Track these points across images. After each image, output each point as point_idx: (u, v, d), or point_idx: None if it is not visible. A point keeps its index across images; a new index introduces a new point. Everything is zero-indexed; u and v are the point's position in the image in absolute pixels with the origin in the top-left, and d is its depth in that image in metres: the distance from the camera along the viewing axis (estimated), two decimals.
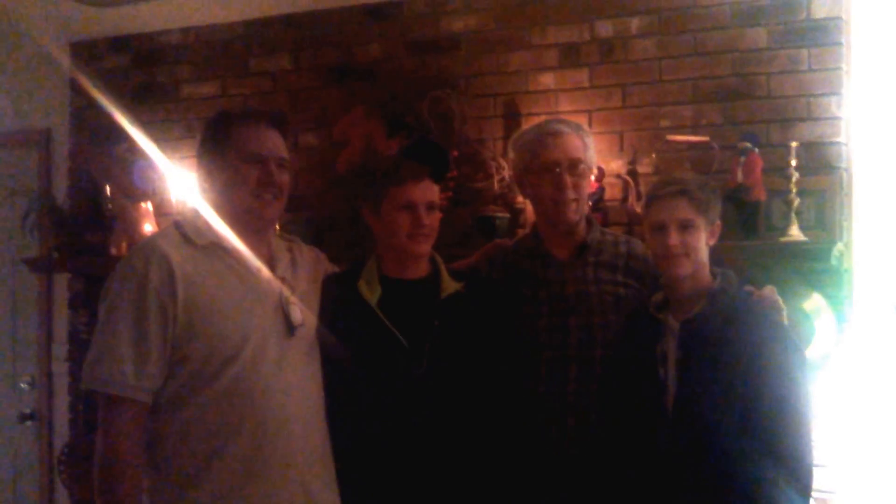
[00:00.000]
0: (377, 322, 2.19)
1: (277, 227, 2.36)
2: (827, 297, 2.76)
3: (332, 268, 2.38)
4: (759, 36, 2.94)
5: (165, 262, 1.97)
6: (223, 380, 1.98)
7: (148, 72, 3.97)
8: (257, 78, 3.75)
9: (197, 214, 2.12)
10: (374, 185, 2.26)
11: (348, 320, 2.21)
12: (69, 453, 3.81)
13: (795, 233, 2.72)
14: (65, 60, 4.09)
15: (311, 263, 2.31)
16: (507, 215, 3.16)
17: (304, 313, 2.14)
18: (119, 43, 4.02)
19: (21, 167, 4.22)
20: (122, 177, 3.79)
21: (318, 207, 3.49)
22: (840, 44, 2.84)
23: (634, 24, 3.10)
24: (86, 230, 3.84)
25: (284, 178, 2.12)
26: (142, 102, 3.94)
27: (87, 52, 4.08)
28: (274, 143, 2.11)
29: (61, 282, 4.06)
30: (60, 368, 4.04)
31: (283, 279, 2.13)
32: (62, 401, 4.01)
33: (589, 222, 2.47)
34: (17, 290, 4.22)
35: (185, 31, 3.89)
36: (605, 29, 3.14)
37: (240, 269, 2.07)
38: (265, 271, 2.11)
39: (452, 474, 2.18)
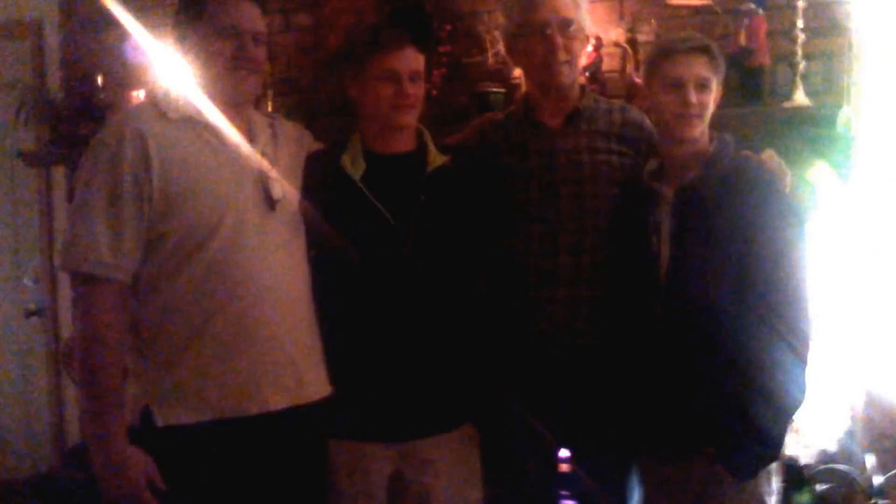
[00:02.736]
0: (361, 197, 2.14)
1: (269, 106, 2.29)
2: (832, 164, 2.68)
3: (315, 145, 2.32)
4: None
5: (139, 138, 1.91)
6: (203, 257, 1.94)
7: None
8: None
9: (171, 88, 2.05)
10: (356, 55, 2.18)
11: (331, 196, 2.16)
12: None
13: (801, 98, 2.64)
14: None
15: (294, 139, 2.25)
16: (503, 90, 3.07)
17: (285, 188, 2.09)
18: None
19: (13, 59, 4.15)
20: (114, 65, 3.72)
21: (310, 90, 3.40)
22: None
23: None
24: (80, 121, 3.79)
25: (261, 52, 2.06)
26: None
27: None
28: (250, 15, 2.04)
29: (59, 175, 4.03)
30: None
31: (262, 154, 2.08)
32: (66, 295, 4.00)
33: (582, 88, 2.37)
34: (16, 186, 4.20)
35: None
36: None
37: (217, 143, 2.02)
38: (244, 146, 2.05)
39: (441, 351, 2.16)
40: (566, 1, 2.27)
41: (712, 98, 2.09)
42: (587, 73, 2.88)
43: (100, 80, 3.70)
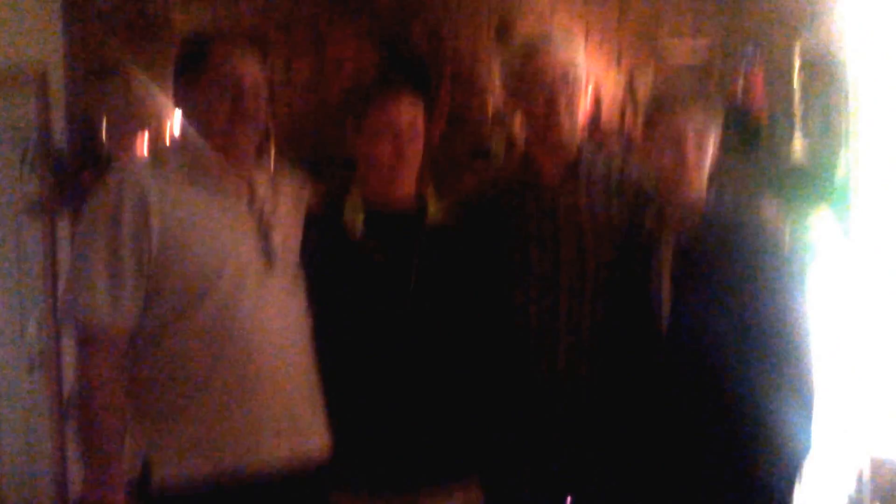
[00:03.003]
0: (360, 252, 2.14)
1: (272, 152, 2.30)
2: (831, 210, 2.68)
3: (317, 198, 2.32)
4: None
5: (139, 189, 1.92)
6: (202, 311, 1.94)
7: (138, 3, 3.88)
8: (249, 2, 3.64)
9: (172, 139, 2.06)
10: (354, 106, 2.20)
11: (331, 250, 2.17)
12: None
13: (798, 144, 2.64)
14: None
15: (295, 193, 2.25)
16: (503, 139, 3.06)
17: (284, 243, 2.09)
18: None
19: (17, 108, 4.16)
20: (117, 113, 3.75)
21: (312, 136, 3.41)
22: None
23: None
24: (83, 170, 3.81)
25: (261, 104, 2.06)
26: (134, 34, 3.86)
27: None
28: (250, 67, 2.05)
29: (64, 225, 4.04)
30: None
31: (262, 207, 2.08)
32: (70, 346, 3.99)
33: (582, 138, 2.39)
34: (20, 235, 4.20)
35: None
36: None
37: (216, 197, 2.02)
38: (243, 198, 2.06)
39: (442, 403, 2.15)
40: (567, 52, 2.30)
41: (709, 150, 2.10)
42: (586, 124, 2.89)
43: (103, 128, 3.73)
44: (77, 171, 3.80)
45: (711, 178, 2.13)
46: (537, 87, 2.26)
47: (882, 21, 2.76)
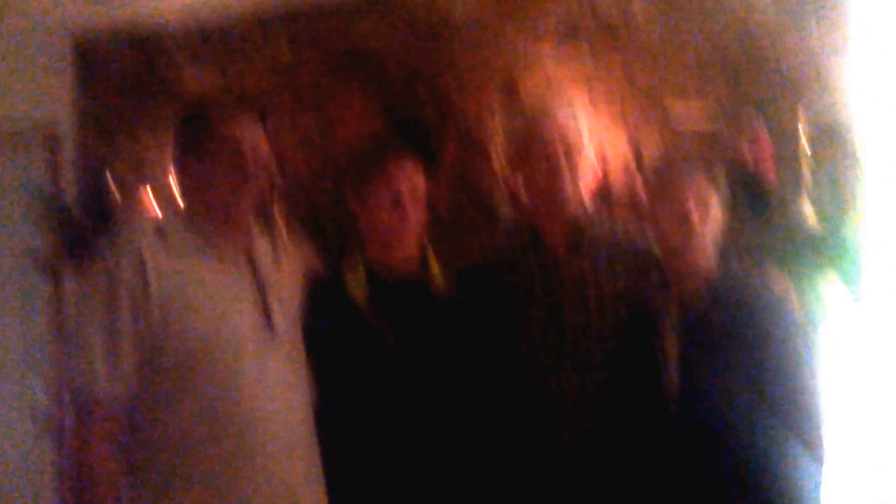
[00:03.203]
0: (362, 320, 2.12)
1: (277, 211, 2.29)
2: (841, 276, 2.64)
3: (318, 262, 2.31)
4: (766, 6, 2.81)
5: (138, 258, 1.91)
6: (199, 383, 1.92)
7: (149, 63, 3.93)
8: (258, 66, 3.68)
9: (172, 208, 2.07)
10: (357, 171, 2.19)
11: (333, 318, 2.15)
12: None
13: (807, 210, 2.61)
14: (68, 55, 4.08)
15: (297, 258, 2.25)
16: (508, 200, 3.06)
17: (285, 309, 2.08)
18: (121, 35, 3.99)
19: (28, 163, 4.20)
20: (125, 169, 3.78)
21: (316, 193, 3.41)
22: (850, 12, 2.71)
23: None
24: (91, 227, 3.82)
25: (260, 168, 2.06)
26: (144, 93, 3.91)
27: (90, 46, 4.05)
28: (250, 132, 2.05)
29: (71, 282, 4.04)
30: None
31: (263, 273, 2.07)
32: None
33: (586, 209, 2.37)
34: (27, 291, 4.20)
35: (185, 21, 3.85)
36: (605, 4, 3.02)
37: (215, 267, 2.01)
38: (244, 267, 2.05)
39: (447, 476, 2.11)
40: (570, 123, 2.29)
41: (714, 218, 2.08)
42: (594, 192, 2.88)
43: (111, 186, 3.75)
44: (84, 229, 3.83)
45: (718, 244, 2.10)
46: (539, 156, 2.25)
47: (889, 85, 2.75)
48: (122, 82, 3.93)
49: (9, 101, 4.24)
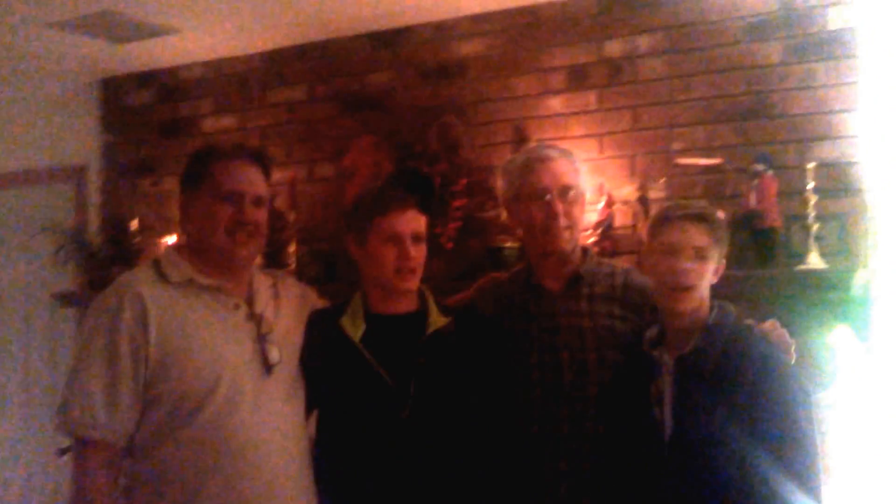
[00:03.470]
0: (360, 358, 2.13)
1: (291, 254, 2.30)
2: (850, 328, 2.59)
3: (319, 303, 2.33)
4: (772, 51, 2.79)
5: (139, 301, 1.94)
6: (198, 421, 1.94)
7: (172, 106, 4.03)
8: (274, 109, 3.76)
9: (173, 251, 2.11)
10: (359, 216, 2.21)
11: (331, 356, 2.16)
12: None
13: (815, 260, 2.56)
14: (95, 97, 4.19)
15: (296, 299, 2.26)
16: (517, 245, 3.05)
17: (283, 351, 2.09)
18: (145, 78, 4.10)
19: (56, 203, 4.31)
20: (148, 211, 3.85)
21: (331, 239, 3.46)
22: (857, 56, 2.68)
23: (643, 42, 2.99)
24: (114, 264, 3.90)
25: (261, 215, 2.08)
26: (167, 136, 4.01)
27: (116, 89, 4.17)
28: (251, 179, 2.08)
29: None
30: None
31: (261, 316, 2.09)
32: None
33: (584, 251, 2.36)
34: (53, 328, 4.28)
35: (205, 64, 3.94)
36: (612, 49, 3.04)
37: (215, 306, 2.04)
38: (242, 308, 2.07)
39: None
40: (566, 168, 2.29)
41: (710, 267, 2.04)
42: (599, 230, 2.88)
43: (134, 225, 3.83)
44: (108, 266, 3.90)
45: (725, 290, 2.08)
46: (537, 203, 2.26)
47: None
48: (147, 125, 4.03)
49: (38, 142, 4.37)
